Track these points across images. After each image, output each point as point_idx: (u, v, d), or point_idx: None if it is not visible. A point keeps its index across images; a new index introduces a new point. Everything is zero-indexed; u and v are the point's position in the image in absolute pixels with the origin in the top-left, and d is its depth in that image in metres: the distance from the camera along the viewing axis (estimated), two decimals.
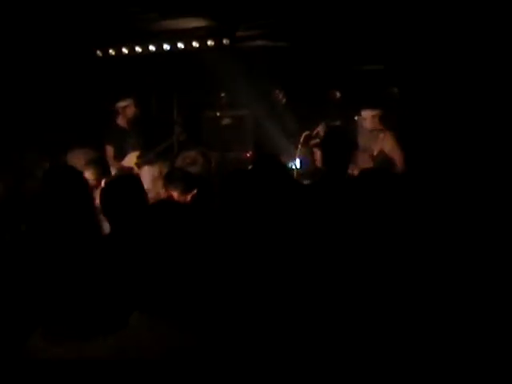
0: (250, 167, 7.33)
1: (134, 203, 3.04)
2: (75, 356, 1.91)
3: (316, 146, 6.56)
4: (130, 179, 3.27)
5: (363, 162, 5.40)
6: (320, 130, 6.72)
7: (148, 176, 4.83)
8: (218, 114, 8.22)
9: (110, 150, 6.63)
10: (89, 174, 4.42)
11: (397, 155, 5.76)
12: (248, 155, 7.94)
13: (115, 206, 3.06)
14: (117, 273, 2.15)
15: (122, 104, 6.77)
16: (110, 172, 4.95)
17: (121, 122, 6.83)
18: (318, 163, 6.77)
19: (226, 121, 8.16)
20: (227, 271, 2.62)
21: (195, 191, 4.15)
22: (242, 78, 7.62)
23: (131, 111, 6.79)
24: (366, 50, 7.59)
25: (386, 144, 5.88)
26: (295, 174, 6.67)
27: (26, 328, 2.14)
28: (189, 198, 4.16)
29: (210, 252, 2.81)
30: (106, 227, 3.37)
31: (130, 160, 6.57)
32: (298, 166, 6.91)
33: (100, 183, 4.33)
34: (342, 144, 4.28)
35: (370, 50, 7.53)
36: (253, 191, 3.08)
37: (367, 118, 6.05)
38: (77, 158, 4.40)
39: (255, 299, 2.56)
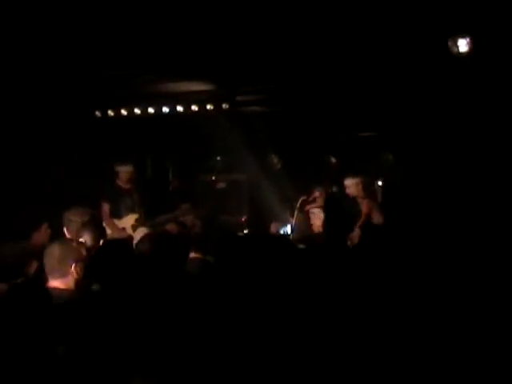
0: (245, 232, 7.33)
1: (123, 269, 3.04)
2: None
3: (314, 209, 6.56)
4: (121, 245, 3.28)
5: None
6: (317, 195, 6.70)
7: None
8: (214, 177, 8.23)
9: (106, 208, 6.63)
10: (86, 236, 4.36)
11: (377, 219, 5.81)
12: (243, 219, 7.90)
13: (106, 271, 3.05)
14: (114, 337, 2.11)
15: (120, 168, 6.80)
16: (105, 234, 4.89)
17: (119, 182, 6.85)
18: (315, 228, 6.76)
19: (220, 185, 8.17)
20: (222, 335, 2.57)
21: None
22: (238, 143, 7.66)
23: (129, 174, 6.81)
24: (360, 117, 7.69)
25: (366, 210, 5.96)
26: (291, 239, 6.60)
27: None
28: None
29: (206, 316, 2.76)
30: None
31: (128, 222, 6.55)
32: (289, 232, 6.86)
33: (98, 245, 4.27)
34: (344, 209, 4.25)
35: (364, 117, 7.63)
36: (248, 256, 3.06)
37: (350, 185, 6.08)
38: (73, 221, 4.36)
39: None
